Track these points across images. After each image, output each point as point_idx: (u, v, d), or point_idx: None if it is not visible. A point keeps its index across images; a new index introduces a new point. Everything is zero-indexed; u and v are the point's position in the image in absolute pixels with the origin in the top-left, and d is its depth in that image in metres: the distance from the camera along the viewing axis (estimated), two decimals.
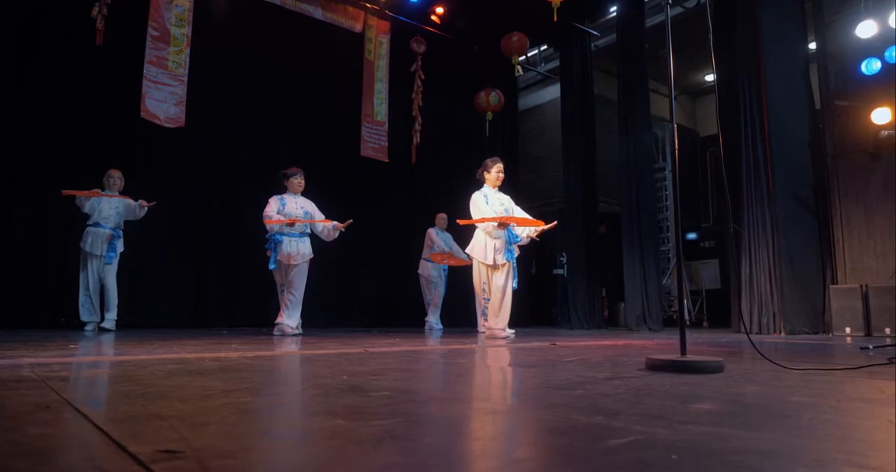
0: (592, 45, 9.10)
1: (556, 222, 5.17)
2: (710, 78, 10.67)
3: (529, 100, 11.01)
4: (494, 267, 4.91)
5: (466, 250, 5.18)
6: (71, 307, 5.62)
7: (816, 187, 6.47)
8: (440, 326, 7.06)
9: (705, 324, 9.77)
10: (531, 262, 10.16)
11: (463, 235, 7.30)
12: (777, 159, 6.34)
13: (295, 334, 4.84)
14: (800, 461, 0.79)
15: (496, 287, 4.90)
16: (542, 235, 5.24)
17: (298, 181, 5.27)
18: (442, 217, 7.22)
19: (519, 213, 5.20)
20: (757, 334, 6.12)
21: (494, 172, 5.13)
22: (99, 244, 5.37)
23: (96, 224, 5.39)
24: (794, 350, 3.49)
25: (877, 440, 0.94)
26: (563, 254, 9.02)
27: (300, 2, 7.19)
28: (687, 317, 9.89)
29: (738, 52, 6.68)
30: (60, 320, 5.92)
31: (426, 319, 7.13)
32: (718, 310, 9.70)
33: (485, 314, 4.97)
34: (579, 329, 7.66)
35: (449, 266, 7.23)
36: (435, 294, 7.11)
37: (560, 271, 9.49)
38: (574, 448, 0.84)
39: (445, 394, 1.35)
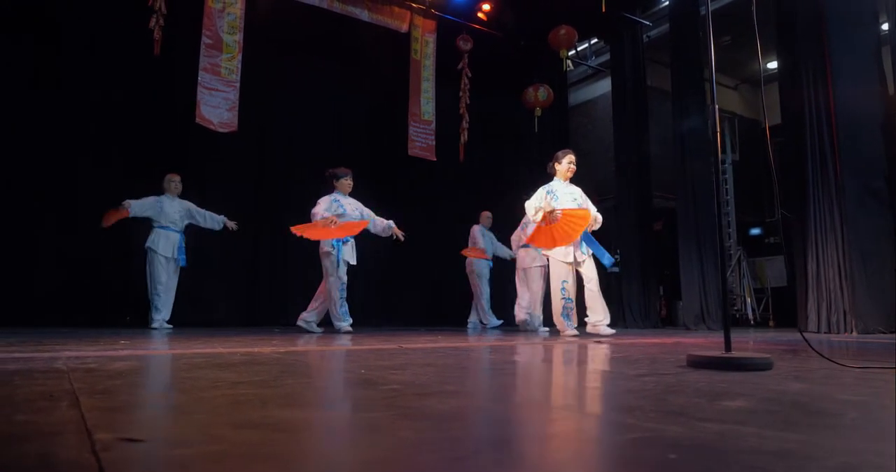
0: (644, 35, 8.81)
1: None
2: (772, 65, 10.15)
3: (581, 95, 10.77)
4: (577, 263, 4.81)
5: (544, 252, 5.03)
6: (135, 306, 5.85)
7: (891, 176, 6.03)
8: (496, 321, 7.00)
9: (771, 323, 9.30)
10: None
11: (504, 231, 7.21)
12: (845, 148, 5.94)
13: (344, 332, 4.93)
14: (823, 462, 0.69)
15: (589, 281, 4.81)
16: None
17: (349, 182, 5.33)
18: (486, 215, 7.16)
19: (591, 207, 5.05)
20: (826, 333, 5.76)
21: (566, 163, 4.98)
22: (170, 247, 5.55)
23: (164, 227, 5.56)
24: (863, 349, 3.24)
25: None
26: (617, 251, 8.77)
27: (346, 4, 7.26)
28: (751, 316, 9.44)
29: (799, 34, 6.31)
30: (126, 318, 6.16)
31: (470, 319, 7.08)
32: (785, 309, 9.22)
33: (567, 317, 4.77)
34: (634, 328, 7.42)
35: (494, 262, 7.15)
36: (481, 292, 7.05)
37: (615, 269, 9.23)
38: (564, 447, 0.76)
39: (456, 388, 1.29)
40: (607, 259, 4.94)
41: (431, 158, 7.77)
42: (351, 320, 5.13)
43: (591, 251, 4.90)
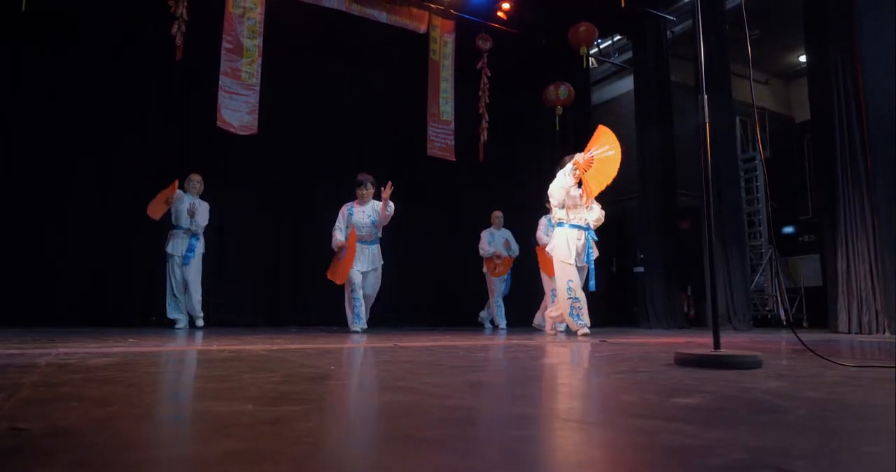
0: (668, 31, 8.65)
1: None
2: (804, 58, 9.84)
3: (605, 93, 10.61)
4: (577, 269, 4.76)
5: (547, 249, 4.99)
6: (160, 306, 5.97)
7: None
8: (504, 324, 6.87)
9: (805, 324, 9.01)
10: (612, 260, 9.78)
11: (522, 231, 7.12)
12: (876, 143, 5.73)
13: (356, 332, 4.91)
14: (714, 460, 0.65)
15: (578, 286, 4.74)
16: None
17: (362, 192, 5.31)
18: (497, 216, 6.99)
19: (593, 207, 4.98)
20: (857, 334, 5.56)
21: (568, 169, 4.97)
22: (178, 245, 5.60)
23: (177, 226, 5.63)
24: (882, 350, 3.10)
25: (843, 448, 0.77)
26: (641, 255, 8.62)
27: (365, 6, 7.30)
28: (783, 316, 9.16)
29: (829, 27, 6.11)
30: (151, 318, 6.30)
31: (481, 314, 7.02)
32: (819, 309, 8.91)
33: (577, 316, 4.66)
34: (658, 329, 7.27)
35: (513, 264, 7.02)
36: (494, 292, 6.94)
37: (640, 269, 9.08)
38: (451, 438, 0.74)
39: (407, 384, 1.27)
40: (591, 285, 4.88)
41: (451, 158, 7.74)
42: (361, 326, 5.16)
43: (589, 263, 4.83)
